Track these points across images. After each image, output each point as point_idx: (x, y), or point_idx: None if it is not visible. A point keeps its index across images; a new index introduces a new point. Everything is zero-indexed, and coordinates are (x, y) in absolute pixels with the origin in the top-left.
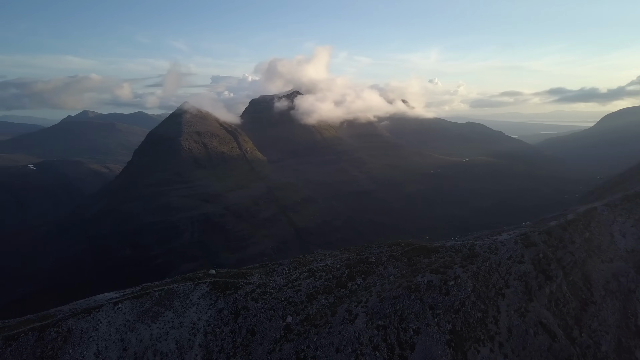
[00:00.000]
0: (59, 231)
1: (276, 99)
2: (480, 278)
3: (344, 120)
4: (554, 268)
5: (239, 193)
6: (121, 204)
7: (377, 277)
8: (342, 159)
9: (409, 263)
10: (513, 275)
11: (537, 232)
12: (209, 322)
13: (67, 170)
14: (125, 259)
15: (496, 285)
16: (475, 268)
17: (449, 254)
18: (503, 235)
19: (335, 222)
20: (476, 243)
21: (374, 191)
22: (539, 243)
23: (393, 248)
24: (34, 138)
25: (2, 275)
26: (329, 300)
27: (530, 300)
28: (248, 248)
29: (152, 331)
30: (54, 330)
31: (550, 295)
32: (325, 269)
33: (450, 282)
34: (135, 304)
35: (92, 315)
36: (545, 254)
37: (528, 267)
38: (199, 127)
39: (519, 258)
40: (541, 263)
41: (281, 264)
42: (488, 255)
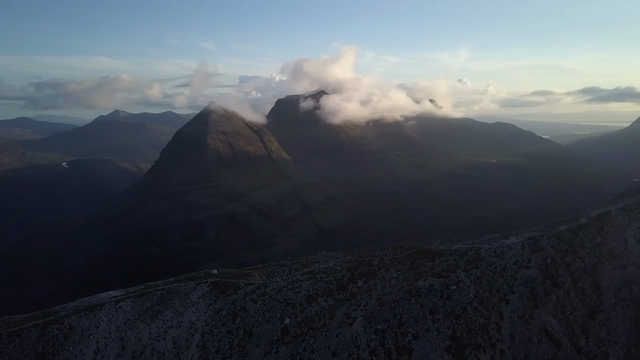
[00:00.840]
0: (88, 228)
1: (302, 99)
2: (483, 283)
3: (369, 120)
4: (562, 274)
5: (264, 192)
6: (148, 202)
7: (378, 280)
8: (367, 159)
9: (412, 266)
10: (518, 281)
11: (546, 237)
12: (207, 322)
13: (98, 168)
14: (151, 257)
15: (500, 290)
16: (479, 272)
17: (453, 257)
18: (511, 239)
19: (359, 222)
20: (482, 247)
21: (399, 192)
22: (547, 248)
23: (397, 251)
24: (68, 137)
25: (34, 271)
26: (328, 302)
27: (535, 306)
28: (272, 247)
29: (151, 330)
30: (56, 327)
31: (556, 302)
32: (327, 270)
33: (452, 286)
34: (136, 302)
35: (94, 313)
36: (553, 259)
37: (534, 273)
38: (225, 126)
39: (526, 263)
40: (548, 268)
41: (283, 264)
42: (493, 259)
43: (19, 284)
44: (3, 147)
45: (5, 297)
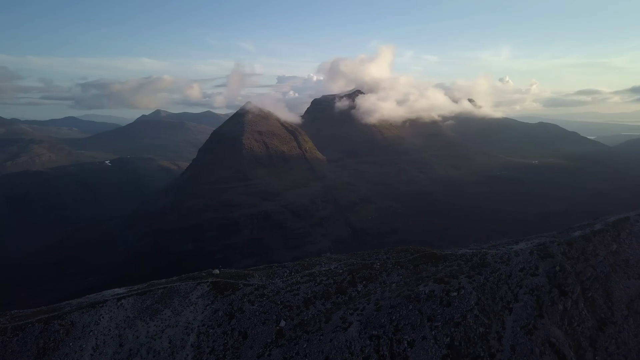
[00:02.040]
0: (127, 225)
1: (337, 99)
2: (486, 290)
3: (406, 119)
4: (571, 282)
5: (297, 192)
6: (185, 199)
7: (379, 284)
8: (402, 159)
9: (415, 271)
10: (524, 289)
11: (557, 243)
12: (203, 322)
13: (139, 166)
14: (187, 253)
15: (504, 298)
16: (483, 279)
17: (457, 262)
18: (521, 244)
19: (394, 223)
20: (489, 252)
21: (435, 192)
22: (557, 255)
23: (401, 254)
24: (111, 136)
25: (75, 266)
26: (326, 306)
27: (540, 316)
28: (305, 246)
29: (149, 328)
30: (58, 323)
31: (563, 313)
32: (327, 273)
33: (452, 293)
34: (137, 300)
35: (95, 309)
36: (562, 266)
37: (541, 281)
38: (260, 126)
39: (533, 270)
40: (557, 276)
41: (285, 266)
42: (498, 265)
43: (61, 277)
44: (51, 146)
45: (47, 290)
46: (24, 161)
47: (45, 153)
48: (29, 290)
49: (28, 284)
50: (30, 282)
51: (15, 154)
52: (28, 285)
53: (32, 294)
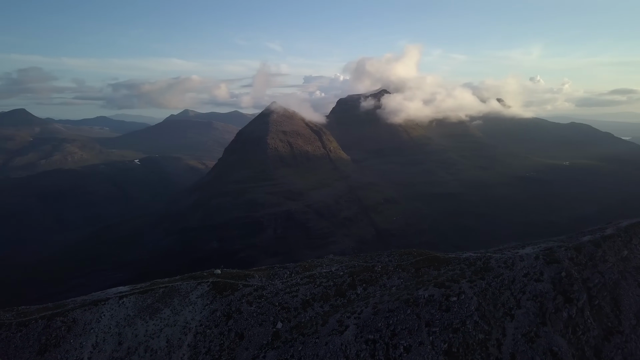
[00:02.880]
0: (155, 222)
1: (362, 98)
2: (488, 295)
3: (433, 119)
4: (577, 289)
5: (321, 191)
6: (210, 198)
7: (379, 287)
8: (429, 159)
9: (416, 274)
10: (527, 295)
11: (564, 248)
12: (201, 322)
13: (167, 165)
14: (212, 252)
15: (506, 304)
16: (485, 284)
17: (460, 266)
18: (527, 248)
19: (419, 224)
20: (494, 256)
21: (463, 194)
22: (564, 260)
23: (403, 257)
24: (141, 135)
25: (104, 262)
26: (324, 308)
27: (543, 324)
28: (328, 246)
29: (148, 327)
30: (60, 320)
31: (567, 320)
32: (328, 275)
33: (452, 297)
34: (139, 299)
35: (97, 307)
36: (569, 272)
37: (546, 287)
38: (285, 126)
39: (537, 276)
40: (562, 283)
41: (286, 267)
42: (502, 270)
43: (90, 273)
44: (83, 145)
45: (76, 286)
46: (57, 159)
47: (77, 152)
48: (60, 285)
49: (59, 280)
50: (61, 277)
51: (49, 153)
52: (59, 280)
53: (63, 289)
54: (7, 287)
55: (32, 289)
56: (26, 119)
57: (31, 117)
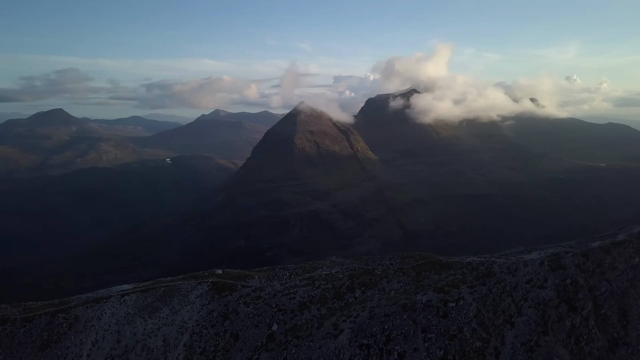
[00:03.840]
0: (184, 220)
1: (391, 98)
2: (488, 302)
3: (463, 119)
4: (582, 297)
5: (348, 192)
6: (238, 197)
7: (377, 290)
8: (459, 160)
9: (417, 278)
10: (529, 302)
11: (571, 254)
12: (198, 322)
13: (198, 164)
14: (239, 250)
15: (506, 312)
16: (486, 290)
17: (462, 271)
18: (533, 254)
19: (448, 226)
20: (497, 261)
21: (493, 195)
22: (570, 267)
23: (405, 260)
24: (173, 134)
25: (134, 259)
26: (321, 311)
27: (544, 333)
28: (354, 247)
29: (147, 326)
30: (62, 316)
31: (571, 330)
32: (327, 277)
33: (451, 303)
34: (140, 297)
35: (100, 304)
36: (574, 279)
37: (550, 294)
38: (312, 126)
39: (541, 282)
40: (567, 290)
41: (287, 268)
42: (504, 276)
43: (120, 270)
44: (117, 144)
45: (106, 282)
46: (92, 158)
47: (111, 150)
48: (92, 280)
49: (91, 275)
50: (93, 273)
51: (84, 151)
52: (91, 276)
53: (95, 284)
54: (40, 282)
55: (64, 285)
56: (64, 118)
57: (68, 117)
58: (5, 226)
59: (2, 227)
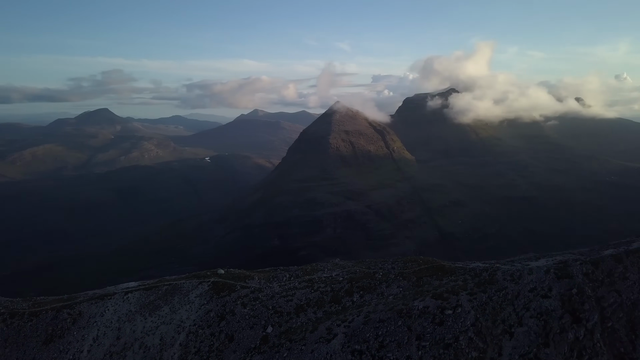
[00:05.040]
0: (220, 218)
1: (429, 98)
2: (487, 310)
3: (503, 119)
4: (588, 309)
5: (383, 192)
6: (272, 196)
7: (376, 295)
8: (499, 160)
9: (417, 283)
10: (531, 312)
11: (580, 262)
12: (195, 322)
13: (236, 163)
14: (273, 248)
15: (506, 321)
16: (486, 297)
17: (464, 277)
18: (540, 260)
19: (486, 228)
20: (502, 268)
21: (535, 197)
22: (577, 275)
23: (407, 265)
24: (212, 134)
25: (171, 255)
26: (317, 314)
27: (545, 345)
28: (388, 248)
29: (146, 324)
30: (67, 312)
31: (574, 343)
32: (327, 280)
33: (448, 310)
34: (142, 295)
35: (104, 301)
36: (581, 289)
37: (553, 304)
38: (347, 126)
39: (545, 291)
40: (572, 301)
41: (288, 270)
42: (506, 283)
43: (158, 265)
44: (159, 142)
45: (143, 278)
46: (135, 156)
47: (153, 149)
48: (130, 276)
49: (129, 270)
50: (131, 268)
51: (127, 150)
52: (129, 271)
53: (131, 279)
54: (82, 276)
55: (104, 279)
56: (109, 117)
57: (113, 116)
58: (52, 221)
59: (49, 221)
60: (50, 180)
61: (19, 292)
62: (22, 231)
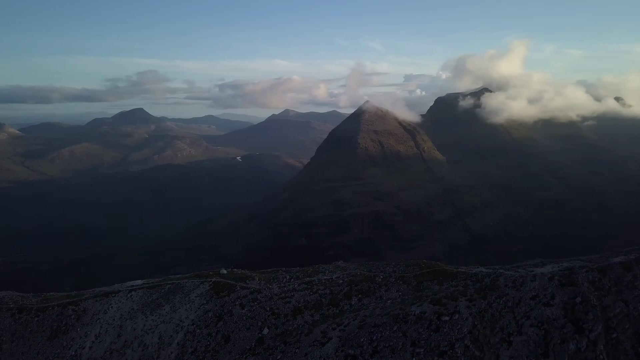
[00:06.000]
0: (249, 217)
1: (461, 97)
2: (486, 318)
3: (538, 119)
4: (591, 318)
5: (412, 193)
6: (300, 196)
7: (374, 299)
8: (533, 162)
9: (417, 288)
10: (531, 320)
11: (586, 269)
12: (194, 321)
13: (266, 163)
14: (301, 248)
15: (505, 329)
16: (485, 304)
17: (465, 282)
18: (546, 267)
19: (519, 231)
20: (505, 274)
21: (571, 200)
22: (583, 283)
23: (409, 268)
24: (244, 133)
25: (201, 253)
26: (314, 317)
27: (544, 355)
28: (416, 250)
29: (146, 322)
30: (72, 308)
31: (575, 354)
32: (327, 282)
33: (445, 317)
34: (145, 293)
35: (108, 299)
36: (585, 298)
37: (555, 313)
38: (377, 125)
39: (547, 299)
40: (575, 310)
41: (290, 271)
42: (508, 290)
43: (187, 263)
44: (192, 141)
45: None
46: (168, 155)
47: (186, 148)
48: (159, 273)
49: (159, 267)
50: (160, 265)
51: (161, 149)
52: (158, 268)
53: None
54: (111, 272)
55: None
56: (144, 117)
57: (148, 116)
58: (87, 218)
59: (84, 218)
60: (87, 178)
61: (56, 287)
62: (60, 227)
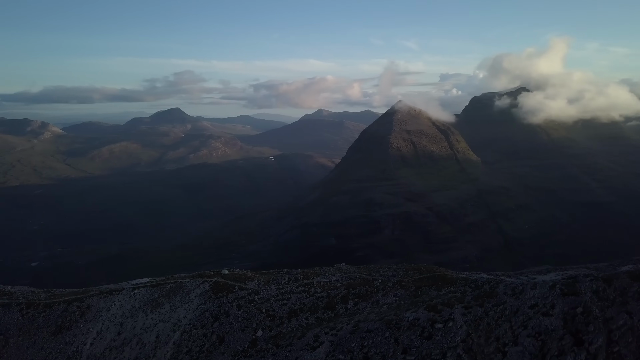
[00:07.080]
0: (280, 216)
1: (497, 97)
2: (481, 326)
3: (578, 119)
4: (593, 330)
5: (445, 194)
6: (331, 196)
7: (370, 303)
8: (572, 163)
9: (415, 293)
10: (528, 330)
11: (590, 278)
12: (191, 321)
13: (299, 162)
14: (330, 248)
15: (500, 339)
16: (481, 312)
17: (463, 288)
18: (549, 275)
19: (555, 235)
20: (505, 280)
21: (612, 203)
22: (585, 293)
23: (409, 273)
24: (277, 133)
25: (232, 251)
26: (309, 320)
27: None
28: (449, 252)
29: (146, 321)
30: (76, 305)
31: None
32: (324, 285)
33: (438, 324)
34: (148, 292)
35: (112, 296)
36: (587, 308)
37: (554, 323)
38: (409, 125)
39: (546, 309)
40: (576, 320)
41: (289, 273)
42: (506, 298)
43: (218, 260)
44: (227, 141)
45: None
46: (203, 154)
47: (221, 147)
48: (190, 270)
49: (189, 264)
50: (191, 262)
51: (196, 148)
52: (189, 265)
53: None
54: (144, 269)
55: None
56: (180, 117)
57: (184, 116)
58: (125, 214)
59: (120, 215)
60: (125, 176)
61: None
62: (98, 223)
